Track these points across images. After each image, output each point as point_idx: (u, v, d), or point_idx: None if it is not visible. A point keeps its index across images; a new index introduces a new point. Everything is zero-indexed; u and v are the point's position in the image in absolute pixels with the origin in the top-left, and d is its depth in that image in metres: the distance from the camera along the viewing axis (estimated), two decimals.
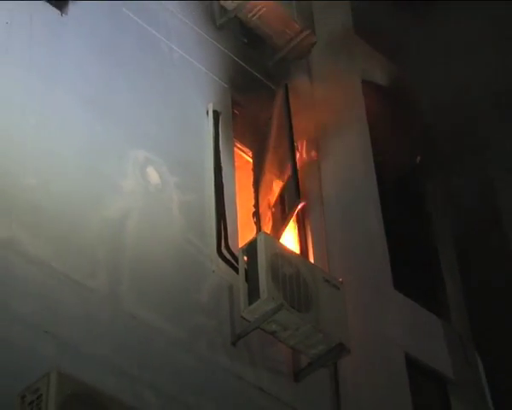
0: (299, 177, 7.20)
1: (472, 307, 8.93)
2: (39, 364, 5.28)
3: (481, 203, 9.20)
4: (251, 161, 7.90)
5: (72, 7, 6.98)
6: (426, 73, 9.06)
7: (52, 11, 6.85)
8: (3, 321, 5.41)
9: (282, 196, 7.33)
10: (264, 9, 8.13)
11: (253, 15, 8.15)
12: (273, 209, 7.42)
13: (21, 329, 5.46)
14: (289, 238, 7.56)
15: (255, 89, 8.10)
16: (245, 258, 6.62)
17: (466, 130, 9.12)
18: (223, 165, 7.29)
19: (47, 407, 4.97)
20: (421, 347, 8.12)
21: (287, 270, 6.59)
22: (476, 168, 9.25)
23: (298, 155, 7.57)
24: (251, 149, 7.94)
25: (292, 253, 6.94)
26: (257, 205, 7.61)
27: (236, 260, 6.76)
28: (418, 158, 9.77)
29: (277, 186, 7.43)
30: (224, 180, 7.22)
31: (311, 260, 7.49)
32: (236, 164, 7.61)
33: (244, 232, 7.22)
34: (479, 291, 8.94)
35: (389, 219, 8.57)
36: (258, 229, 7.35)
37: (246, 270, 6.57)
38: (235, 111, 7.90)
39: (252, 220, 7.55)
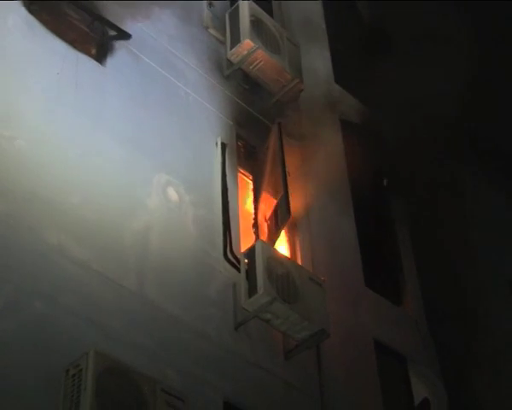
0: (289, 196, 7.19)
1: (426, 300, 8.90)
2: (81, 345, 5.29)
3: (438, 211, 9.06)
4: (251, 183, 7.88)
5: (109, 60, 6.96)
6: (389, 111, 8.97)
7: (94, 63, 6.83)
8: (53, 312, 5.44)
9: (275, 211, 7.31)
10: (262, 63, 8.13)
11: (254, 67, 8.15)
12: (268, 222, 7.41)
13: (68, 318, 5.48)
14: (281, 245, 7.54)
15: (255, 125, 8.10)
16: (246, 261, 6.61)
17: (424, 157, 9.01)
18: (228, 186, 7.28)
19: (86, 379, 5.03)
20: (386, 332, 8.10)
21: (279, 270, 6.59)
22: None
23: (288, 179, 7.55)
24: (251, 173, 7.92)
25: (283, 256, 6.95)
26: (255, 218, 7.56)
27: (239, 262, 6.75)
28: (385, 180, 9.76)
29: (272, 203, 7.41)
30: (230, 198, 7.21)
31: (299, 262, 7.46)
32: (239, 185, 7.60)
33: (245, 240, 7.20)
34: (431, 288, 8.92)
35: (362, 230, 8.52)
36: (257, 237, 7.33)
37: (246, 270, 6.56)
38: (239, 143, 7.89)
39: (251, 230, 7.51)
